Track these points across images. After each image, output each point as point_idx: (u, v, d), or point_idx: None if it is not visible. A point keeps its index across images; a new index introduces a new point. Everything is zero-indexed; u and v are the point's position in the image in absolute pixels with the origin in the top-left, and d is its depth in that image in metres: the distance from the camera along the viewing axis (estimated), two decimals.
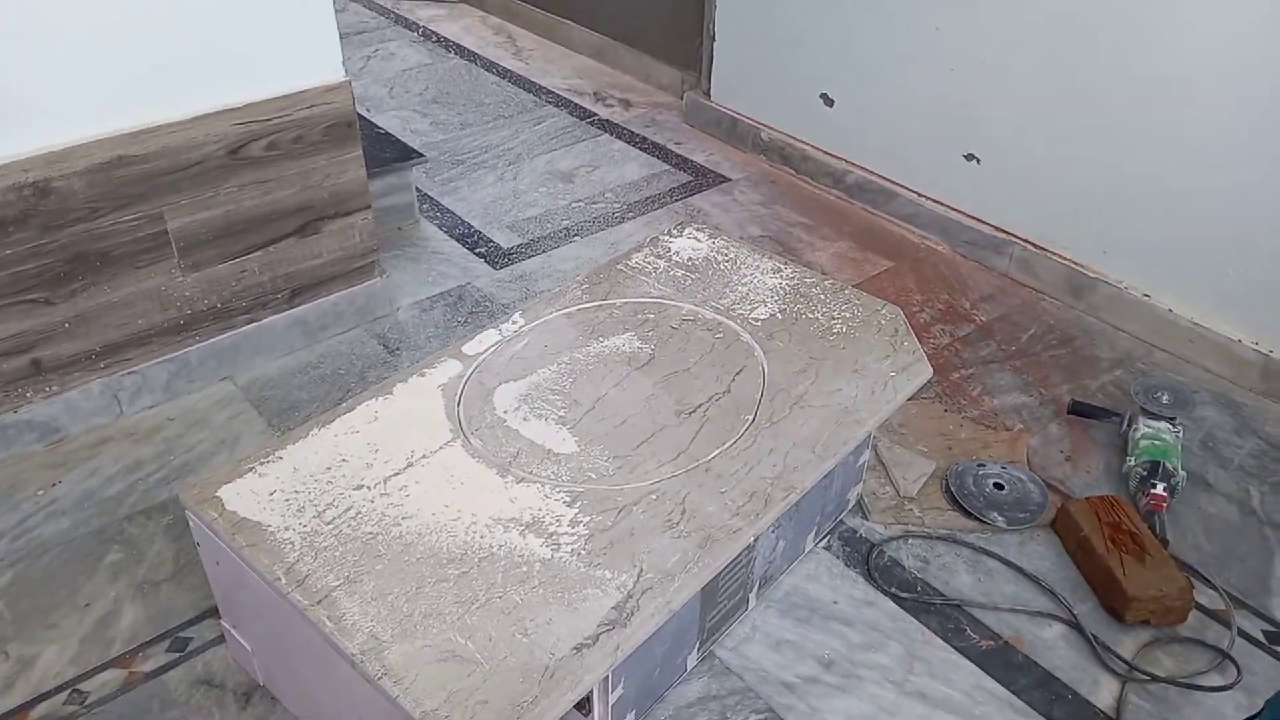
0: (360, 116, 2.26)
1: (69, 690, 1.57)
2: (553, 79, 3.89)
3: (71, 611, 1.70)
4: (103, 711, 1.54)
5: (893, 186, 2.94)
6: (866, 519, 1.92)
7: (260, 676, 1.58)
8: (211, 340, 2.17)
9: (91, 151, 1.85)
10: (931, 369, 1.76)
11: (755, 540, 1.49)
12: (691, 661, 1.62)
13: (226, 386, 2.20)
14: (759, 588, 1.72)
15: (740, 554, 1.47)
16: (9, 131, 1.77)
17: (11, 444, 1.98)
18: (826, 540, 1.87)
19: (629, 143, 3.40)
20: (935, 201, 2.84)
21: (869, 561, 1.83)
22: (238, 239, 2.12)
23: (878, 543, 1.87)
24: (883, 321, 1.84)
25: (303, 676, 1.45)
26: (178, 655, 1.63)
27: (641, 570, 1.33)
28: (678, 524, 1.41)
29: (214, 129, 1.97)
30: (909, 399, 1.77)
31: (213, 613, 1.66)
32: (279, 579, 1.30)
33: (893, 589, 1.78)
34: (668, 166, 3.26)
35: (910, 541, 1.88)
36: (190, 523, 1.45)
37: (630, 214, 2.97)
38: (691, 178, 3.19)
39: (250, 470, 1.47)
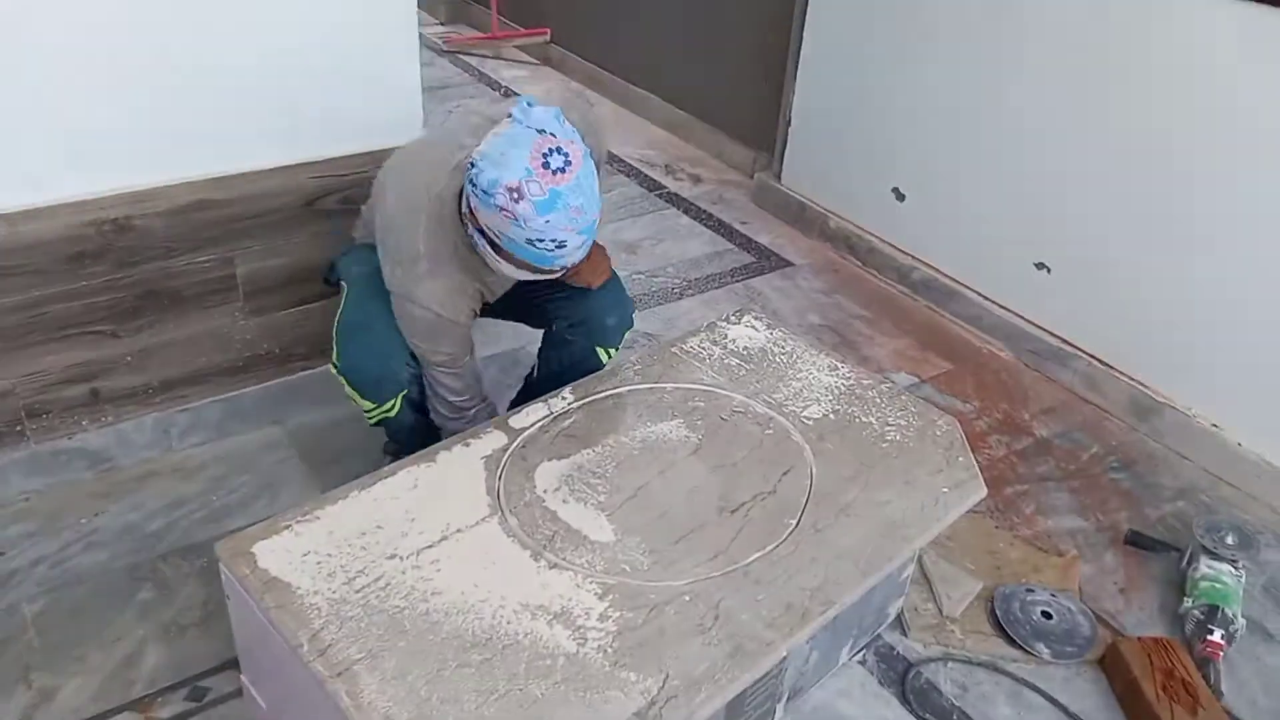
0: None
1: None
2: (626, 148, 3.94)
3: (99, 646, 1.70)
4: None
5: (958, 287, 2.90)
6: (906, 635, 1.85)
7: None
8: (265, 384, 2.20)
9: (174, 194, 1.90)
10: (986, 489, 1.70)
11: (788, 654, 1.44)
12: None
13: (275, 430, 2.22)
14: (788, 699, 1.66)
15: (772, 667, 1.42)
16: (94, 169, 1.82)
17: (63, 470, 2.01)
18: (862, 654, 1.81)
19: (695, 218, 3.42)
20: (1001, 306, 2.80)
21: (905, 682, 1.76)
22: (302, 287, 2.15)
23: (915, 662, 1.80)
24: (938, 433, 1.80)
25: None
26: (194, 705, 1.62)
27: (668, 676, 1.29)
28: (709, 629, 1.37)
29: (293, 181, 2.02)
30: None
31: (233, 665, 1.65)
32: (302, 645, 1.29)
33: (927, 715, 1.70)
34: (731, 246, 3.26)
35: (949, 665, 1.81)
36: (223, 576, 1.45)
37: (690, 290, 2.97)
38: (754, 259, 3.19)
39: (287, 528, 1.46)
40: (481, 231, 1.58)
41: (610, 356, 1.97)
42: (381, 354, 1.77)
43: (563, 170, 1.47)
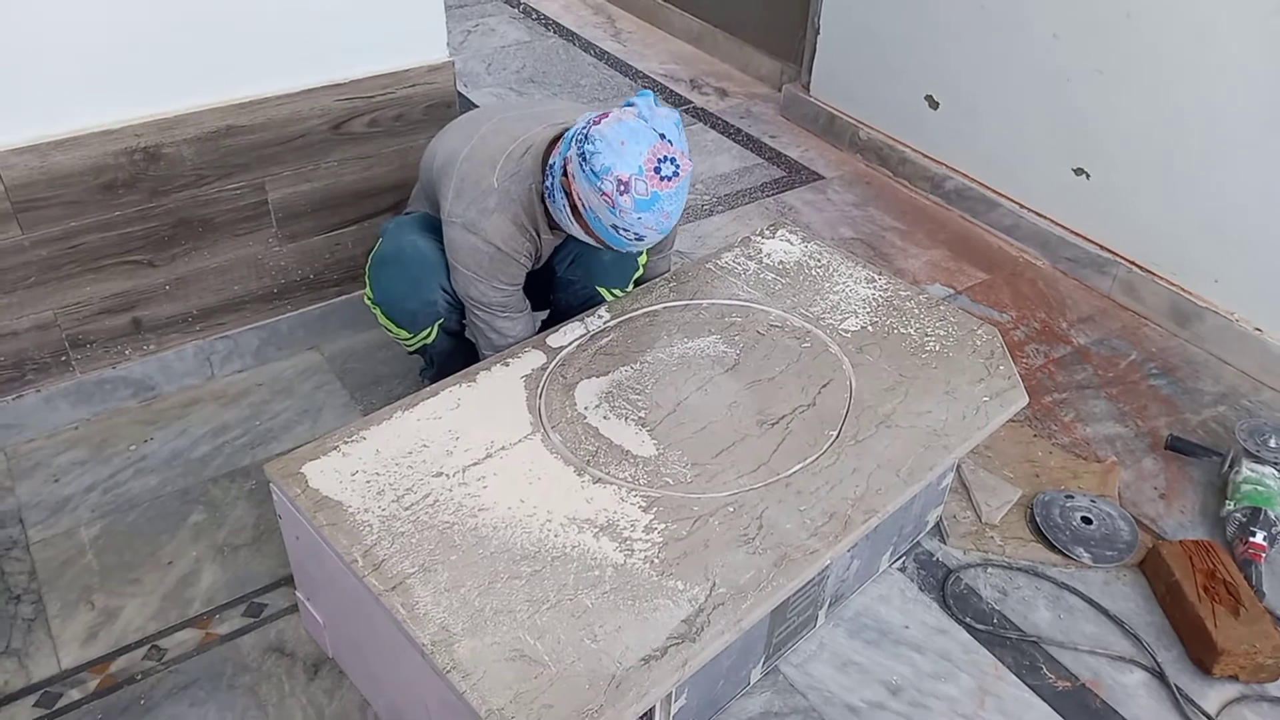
0: (457, 94, 2.26)
1: (148, 646, 1.62)
2: (649, 63, 3.86)
3: (154, 568, 1.75)
4: (179, 670, 1.58)
5: (994, 195, 2.84)
6: (945, 543, 1.86)
7: (330, 650, 1.61)
8: (302, 310, 2.21)
9: (202, 120, 1.88)
10: (1027, 396, 1.70)
11: (831, 562, 1.46)
12: (755, 675, 1.60)
13: (313, 356, 2.24)
14: (829, 605, 1.69)
15: (815, 575, 1.44)
16: (123, 96, 1.81)
17: (109, 398, 2.04)
18: (902, 561, 1.83)
19: (723, 133, 3.36)
20: (1038, 214, 2.74)
21: (944, 587, 1.78)
22: (335, 212, 2.14)
23: (955, 569, 1.82)
24: (978, 342, 1.78)
25: (371, 656, 1.47)
26: (252, 621, 1.67)
27: (714, 584, 1.32)
28: (753, 539, 1.39)
29: (319, 104, 2.00)
30: None
31: (288, 581, 1.70)
32: (356, 561, 1.32)
33: (968, 618, 1.73)
34: (760, 160, 3.21)
35: (989, 570, 1.82)
36: (274, 496, 1.48)
37: (720, 207, 2.93)
38: (784, 173, 3.14)
39: (334, 449, 1.49)
40: (567, 193, 1.61)
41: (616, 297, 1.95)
42: (416, 282, 1.77)
43: (670, 179, 1.55)
